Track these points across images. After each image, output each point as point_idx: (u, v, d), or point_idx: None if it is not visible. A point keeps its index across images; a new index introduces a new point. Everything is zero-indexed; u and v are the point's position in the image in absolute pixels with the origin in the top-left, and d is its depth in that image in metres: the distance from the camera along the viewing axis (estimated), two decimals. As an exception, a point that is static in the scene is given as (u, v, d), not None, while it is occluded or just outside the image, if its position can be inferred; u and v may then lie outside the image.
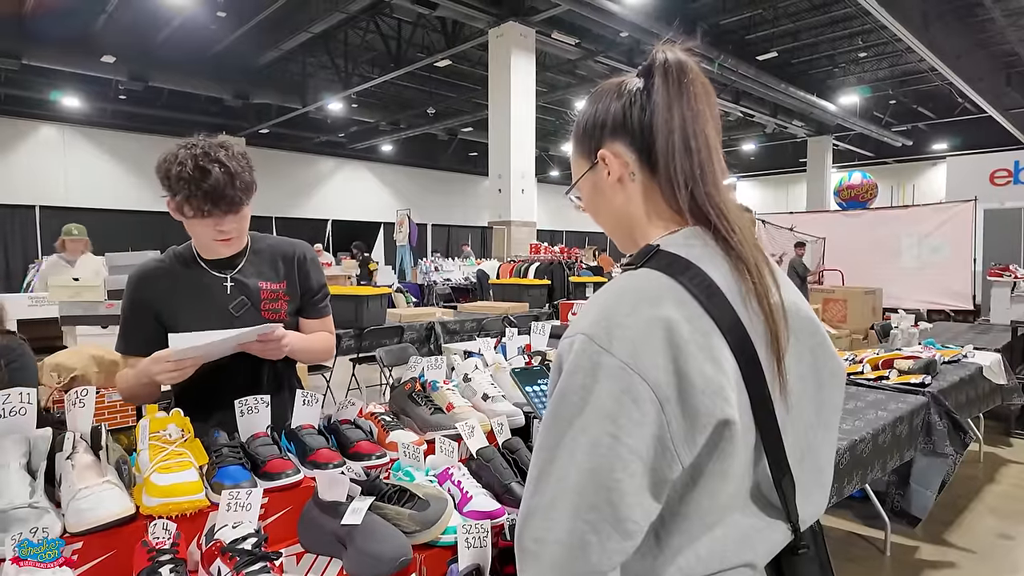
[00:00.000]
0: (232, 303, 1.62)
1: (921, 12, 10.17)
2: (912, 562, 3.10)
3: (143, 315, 1.60)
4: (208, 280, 1.63)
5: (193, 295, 1.61)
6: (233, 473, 1.27)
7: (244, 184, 1.51)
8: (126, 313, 1.63)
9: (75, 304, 3.13)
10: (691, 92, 0.80)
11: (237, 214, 1.54)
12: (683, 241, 0.79)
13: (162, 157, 1.49)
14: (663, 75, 0.81)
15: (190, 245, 1.66)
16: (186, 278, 1.62)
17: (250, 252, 1.69)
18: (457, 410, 1.70)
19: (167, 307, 1.60)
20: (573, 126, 0.91)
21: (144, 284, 1.62)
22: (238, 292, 1.64)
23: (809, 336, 0.85)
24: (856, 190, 11.99)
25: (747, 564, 0.76)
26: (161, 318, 1.60)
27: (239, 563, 1.04)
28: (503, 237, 10.77)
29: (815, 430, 0.85)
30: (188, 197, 1.46)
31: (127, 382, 1.59)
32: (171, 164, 1.46)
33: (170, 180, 1.47)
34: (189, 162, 1.45)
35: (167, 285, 1.61)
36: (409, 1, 9.65)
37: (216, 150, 1.48)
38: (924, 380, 3.14)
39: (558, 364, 0.73)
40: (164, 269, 1.64)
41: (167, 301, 1.60)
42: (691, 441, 0.68)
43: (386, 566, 1.13)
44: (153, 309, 1.60)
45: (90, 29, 11.13)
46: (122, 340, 1.64)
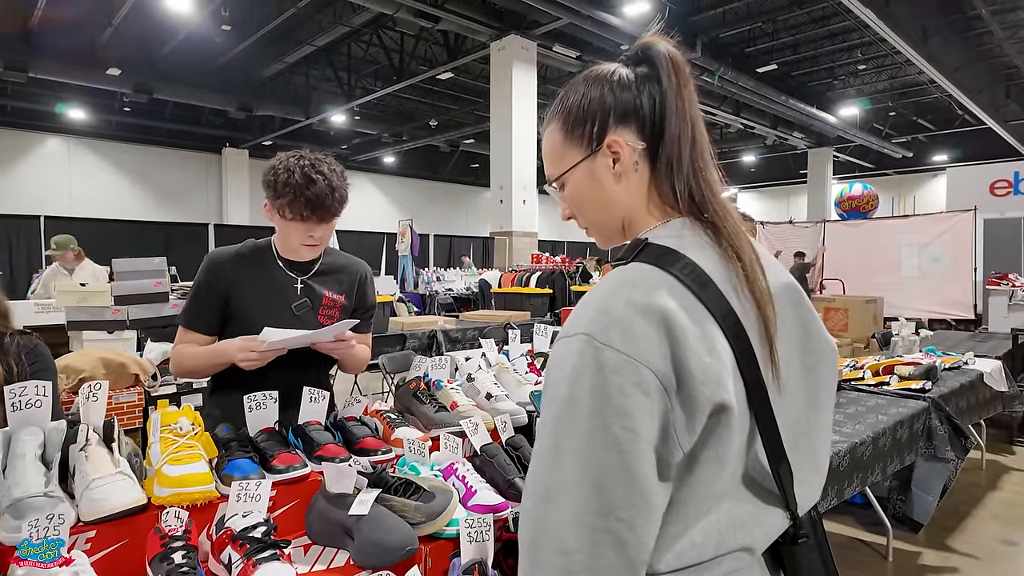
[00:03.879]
0: (296, 303, 1.72)
1: (920, 25, 10.27)
2: (914, 568, 3.10)
3: (213, 295, 1.69)
4: (282, 278, 1.73)
5: (264, 288, 1.71)
6: (242, 466, 1.29)
7: (341, 197, 1.64)
8: (198, 290, 1.71)
9: (81, 309, 3.15)
10: (690, 84, 0.83)
11: (328, 223, 1.66)
12: (672, 232, 0.79)
13: (270, 165, 1.62)
14: (667, 66, 0.82)
15: (270, 241, 1.77)
16: (261, 271, 1.72)
17: (322, 262, 1.80)
18: (461, 408, 1.72)
19: (238, 292, 1.69)
20: (556, 111, 0.88)
21: (220, 266, 1.71)
22: (304, 295, 1.74)
23: (797, 319, 0.85)
24: (857, 201, 12.02)
25: (744, 548, 0.77)
26: (229, 302, 1.69)
27: (249, 550, 1.06)
28: (505, 248, 10.82)
29: (806, 414, 0.85)
30: (291, 202, 1.57)
31: (191, 358, 1.68)
32: (279, 171, 1.59)
33: (277, 184, 1.58)
34: (297, 170, 1.57)
35: (242, 273, 1.71)
36: (412, 15, 9.76)
37: (320, 163, 1.61)
38: (925, 386, 3.16)
39: (559, 364, 0.71)
40: (242, 257, 1.73)
41: (238, 287, 1.69)
42: (691, 429, 0.69)
43: (392, 555, 1.15)
44: (223, 291, 1.69)
45: (95, 42, 11.27)
46: (186, 315, 1.72)
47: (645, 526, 0.66)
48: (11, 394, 1.21)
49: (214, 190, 18.10)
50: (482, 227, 20.28)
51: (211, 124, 16.54)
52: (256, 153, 17.93)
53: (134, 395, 2.47)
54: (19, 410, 1.21)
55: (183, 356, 1.70)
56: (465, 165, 22.04)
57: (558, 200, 0.93)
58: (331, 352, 1.69)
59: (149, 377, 2.67)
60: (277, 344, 1.55)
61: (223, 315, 1.70)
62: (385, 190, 20.79)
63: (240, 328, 1.65)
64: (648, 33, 0.86)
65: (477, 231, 20.16)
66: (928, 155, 20.03)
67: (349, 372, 1.93)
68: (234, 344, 1.58)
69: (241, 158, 18.02)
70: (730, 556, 0.75)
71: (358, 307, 1.86)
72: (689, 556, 0.73)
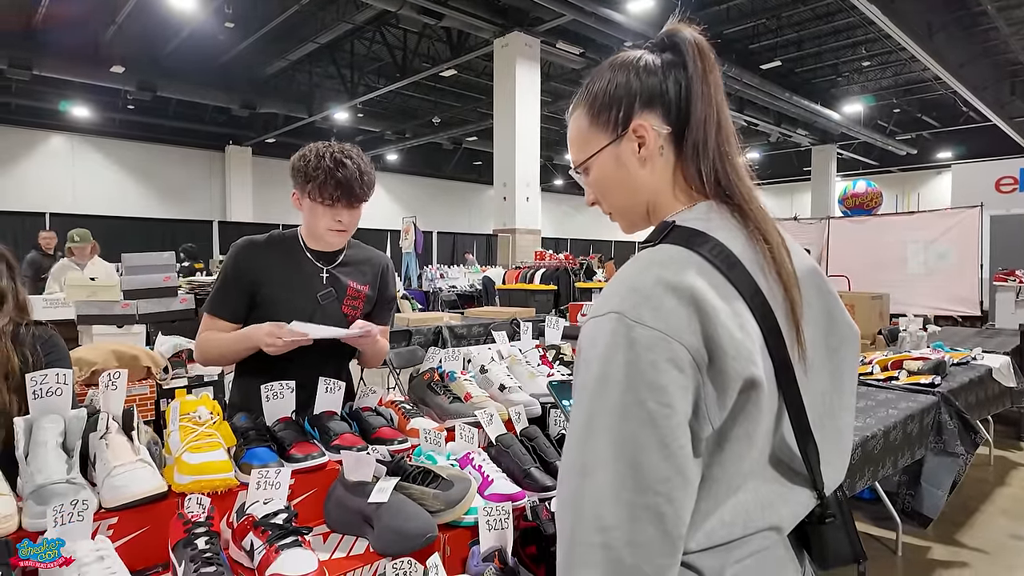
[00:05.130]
0: (321, 292, 1.75)
1: (925, 21, 10.24)
2: (924, 562, 3.10)
3: (240, 282, 1.72)
4: (308, 267, 1.76)
5: (290, 275, 1.74)
6: (261, 454, 1.30)
7: (370, 181, 1.68)
8: (225, 277, 1.74)
9: (91, 304, 3.16)
10: (715, 70, 0.83)
11: (356, 209, 1.69)
12: (700, 215, 0.80)
13: (299, 153, 1.66)
14: (693, 52, 0.83)
15: (296, 232, 1.80)
16: (288, 259, 1.75)
17: (347, 253, 1.83)
18: (475, 399, 1.73)
19: (265, 279, 1.71)
20: (582, 97, 0.89)
21: (248, 254, 1.74)
22: (329, 284, 1.77)
23: (821, 303, 0.86)
24: (861, 198, 11.98)
25: (772, 527, 0.77)
26: (256, 289, 1.71)
27: (272, 536, 1.07)
28: (508, 245, 10.81)
29: (831, 396, 0.86)
30: (323, 184, 1.61)
31: (217, 344, 1.69)
32: (309, 157, 1.63)
33: (308, 168, 1.62)
34: (327, 155, 1.62)
35: (269, 260, 1.74)
36: (415, 12, 9.75)
37: (349, 150, 1.66)
38: (934, 381, 3.15)
39: (591, 343, 0.71)
40: (270, 245, 1.76)
41: (266, 274, 1.72)
42: (721, 404, 0.69)
43: (412, 542, 1.15)
44: (250, 278, 1.71)
45: (99, 40, 11.27)
46: (212, 302, 1.75)
47: (683, 498, 0.67)
48: (32, 382, 1.22)
49: (218, 187, 18.10)
50: (485, 224, 20.28)
51: (214, 122, 16.53)
52: (259, 151, 17.93)
53: (146, 388, 2.48)
54: (40, 398, 1.22)
55: (208, 343, 1.71)
56: (468, 162, 22.03)
57: (583, 185, 0.93)
58: (356, 344, 1.72)
59: (160, 370, 2.67)
60: (300, 335, 1.58)
61: (250, 302, 1.72)
62: (388, 187, 20.79)
63: (265, 316, 1.66)
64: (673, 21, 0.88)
65: (480, 228, 20.17)
66: (932, 152, 19.96)
67: (369, 366, 1.93)
68: (263, 328, 1.60)
69: (244, 156, 18.03)
70: (758, 535, 0.76)
71: (380, 298, 1.87)
72: (719, 535, 0.73)
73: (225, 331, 1.70)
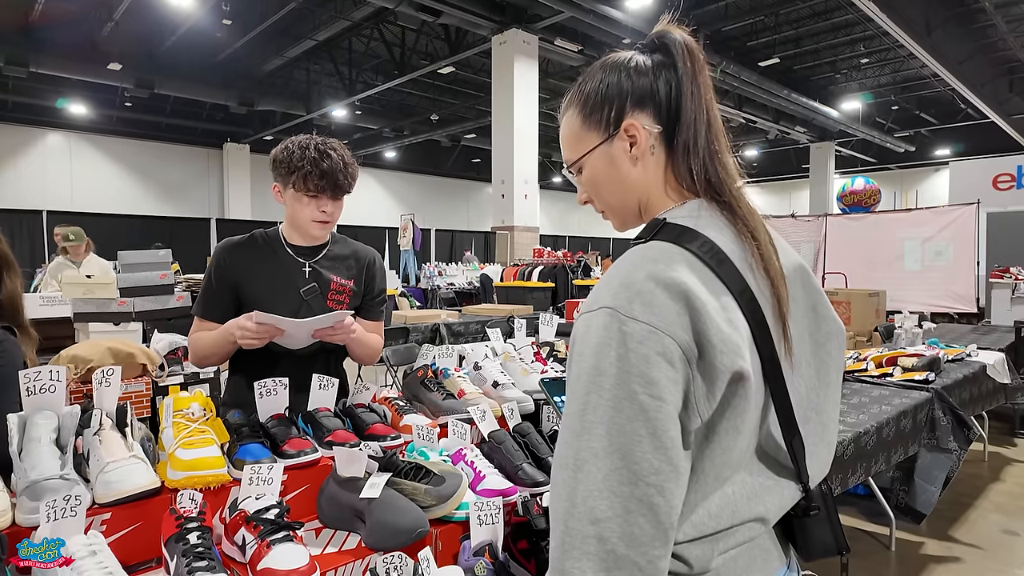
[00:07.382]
0: (304, 287, 1.76)
1: (923, 19, 10.23)
2: (917, 558, 3.11)
3: (223, 283, 1.74)
4: (289, 263, 1.78)
5: (272, 272, 1.75)
6: (253, 450, 1.31)
7: (353, 173, 1.72)
8: (209, 280, 1.76)
9: (88, 301, 3.17)
10: (704, 70, 0.85)
11: (339, 200, 1.73)
12: (690, 213, 0.82)
13: (281, 146, 1.70)
14: (682, 53, 0.84)
15: (278, 229, 1.82)
16: (269, 256, 1.77)
17: (330, 247, 1.84)
18: (468, 396, 1.73)
19: (246, 278, 1.74)
20: (574, 97, 0.90)
21: (228, 255, 1.76)
22: (312, 279, 1.78)
23: (807, 299, 0.88)
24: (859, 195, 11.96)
25: (758, 519, 0.79)
26: (239, 288, 1.74)
27: (263, 531, 1.08)
28: (506, 242, 10.81)
29: (816, 390, 0.88)
30: (308, 174, 1.64)
31: (203, 342, 1.73)
32: (292, 148, 1.67)
33: (291, 160, 1.65)
34: (311, 146, 1.66)
35: (251, 259, 1.76)
36: (413, 9, 9.74)
37: (331, 142, 1.70)
38: (928, 377, 3.17)
39: (583, 338, 0.72)
40: (250, 244, 1.79)
41: (247, 273, 1.74)
42: (710, 397, 0.71)
43: (403, 537, 1.17)
44: (233, 278, 1.74)
45: (96, 37, 11.24)
46: (200, 305, 1.78)
47: (674, 490, 0.68)
48: (26, 379, 1.22)
49: (216, 185, 18.10)
50: (483, 222, 20.29)
51: (212, 119, 16.53)
52: (257, 148, 17.92)
53: (142, 385, 2.48)
54: (34, 395, 1.22)
55: (197, 343, 1.75)
56: (466, 160, 22.02)
57: (576, 184, 0.95)
58: (331, 339, 1.69)
59: (156, 367, 2.67)
60: (271, 322, 1.56)
61: (235, 302, 1.74)
62: (386, 185, 20.79)
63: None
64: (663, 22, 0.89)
65: (478, 226, 20.18)
66: (931, 150, 19.97)
67: (361, 362, 1.93)
68: (232, 323, 1.62)
69: (242, 153, 18.02)
70: (744, 526, 0.78)
71: (367, 293, 1.87)
72: (706, 526, 0.75)
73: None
